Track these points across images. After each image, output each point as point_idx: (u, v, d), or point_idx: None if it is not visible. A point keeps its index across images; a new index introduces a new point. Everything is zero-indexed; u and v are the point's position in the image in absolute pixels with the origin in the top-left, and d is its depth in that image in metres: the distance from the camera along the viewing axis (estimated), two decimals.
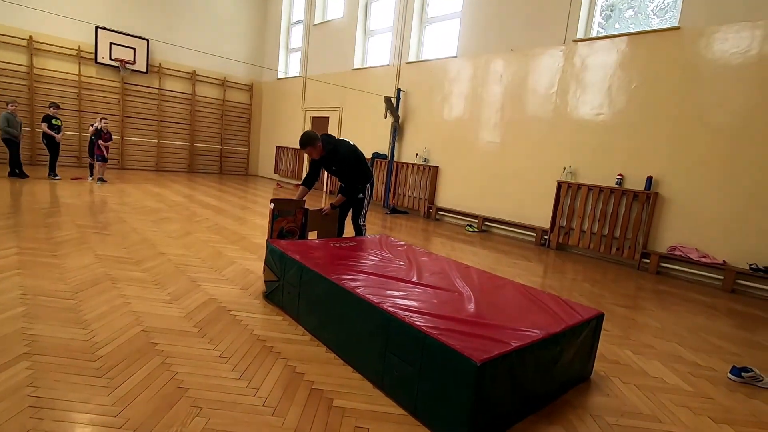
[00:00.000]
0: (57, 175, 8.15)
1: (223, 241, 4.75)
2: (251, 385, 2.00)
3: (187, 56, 11.70)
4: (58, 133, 8.10)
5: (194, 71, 12.16)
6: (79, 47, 10.25)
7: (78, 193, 6.89)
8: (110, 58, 10.53)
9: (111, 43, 10.51)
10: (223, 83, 12.83)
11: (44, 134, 8.04)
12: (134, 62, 10.88)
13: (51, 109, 8.10)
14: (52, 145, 8.10)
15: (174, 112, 12.06)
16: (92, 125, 8.53)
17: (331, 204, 4.05)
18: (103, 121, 8.26)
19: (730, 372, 2.61)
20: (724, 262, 5.00)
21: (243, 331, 2.56)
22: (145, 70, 11.16)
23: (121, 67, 10.71)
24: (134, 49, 10.86)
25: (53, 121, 8.08)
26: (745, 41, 4.90)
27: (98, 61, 10.42)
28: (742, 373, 2.56)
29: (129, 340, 2.29)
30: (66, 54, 10.17)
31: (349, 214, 4.28)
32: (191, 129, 12.41)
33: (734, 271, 4.86)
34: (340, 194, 4.07)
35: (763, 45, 4.78)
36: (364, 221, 4.25)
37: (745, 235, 4.90)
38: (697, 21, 5.24)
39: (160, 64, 11.53)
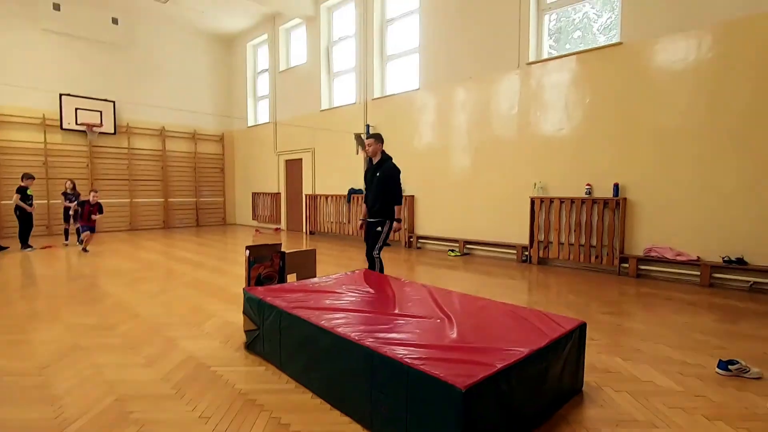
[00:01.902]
0: (31, 246, 7.92)
1: (202, 294, 4.62)
2: None
3: (155, 113, 11.79)
4: (30, 204, 7.93)
5: (163, 127, 12.20)
6: (44, 115, 10.21)
7: (50, 262, 6.66)
8: (76, 123, 10.50)
9: (76, 109, 10.51)
10: (194, 136, 12.89)
11: (17, 206, 7.83)
12: (101, 125, 10.86)
13: (25, 180, 7.96)
14: (25, 217, 7.90)
15: (145, 169, 11.99)
16: (70, 199, 8.42)
17: (397, 219, 4.40)
18: (92, 194, 7.82)
19: (718, 366, 2.62)
20: (699, 258, 5.13)
21: (224, 386, 2.45)
22: (113, 131, 11.14)
23: (88, 130, 10.67)
24: (100, 111, 10.88)
25: (28, 192, 7.93)
26: (682, 50, 5.25)
27: (64, 127, 10.37)
28: (729, 366, 2.57)
29: (101, 412, 2.16)
30: (30, 123, 10.10)
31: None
32: (164, 185, 12.31)
33: (709, 265, 4.98)
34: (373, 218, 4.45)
35: (698, 51, 5.13)
36: (378, 253, 4.46)
37: (714, 229, 5.07)
38: (636, 36, 5.61)
39: (128, 123, 11.55)
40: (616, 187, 5.73)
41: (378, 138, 4.52)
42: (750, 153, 4.81)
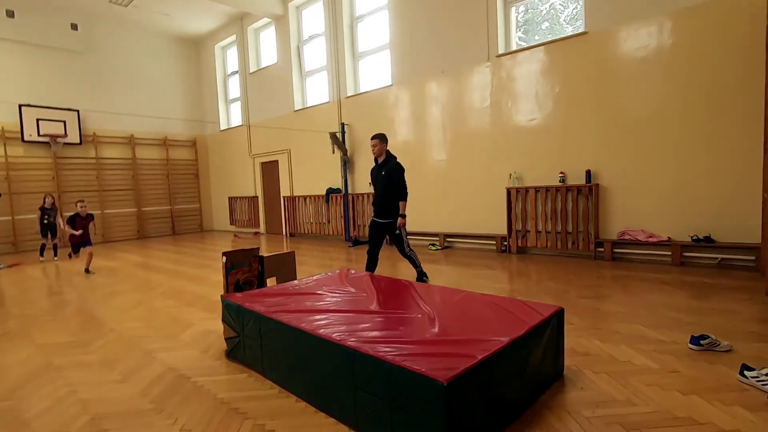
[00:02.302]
0: (0, 264, 7.60)
1: (180, 304, 4.51)
2: None
3: (123, 121, 11.43)
4: None
5: (132, 135, 11.85)
6: (2, 128, 9.77)
7: (19, 280, 6.39)
8: (39, 135, 10.08)
9: (38, 119, 10.09)
10: (165, 143, 12.56)
11: None
12: (66, 135, 10.47)
13: None
14: None
15: (115, 179, 11.62)
16: (49, 215, 8.11)
17: (401, 215, 4.53)
18: (80, 205, 6.90)
19: (690, 342, 2.71)
20: (669, 238, 5.30)
21: (205, 397, 2.40)
22: (78, 141, 10.75)
23: (51, 142, 10.26)
24: (64, 121, 10.47)
25: None
26: (644, 37, 5.39)
27: (25, 139, 9.94)
28: (701, 341, 2.66)
29: None
30: None
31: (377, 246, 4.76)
32: (136, 194, 11.97)
33: (679, 245, 5.15)
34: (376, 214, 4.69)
35: (659, 38, 5.28)
36: (411, 250, 4.67)
37: (682, 211, 5.24)
38: (600, 25, 5.74)
39: (94, 132, 11.17)
40: (588, 173, 5.86)
41: (382, 138, 4.60)
42: (714, 136, 4.98)
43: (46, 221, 8.18)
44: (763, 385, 2.14)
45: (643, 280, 4.60)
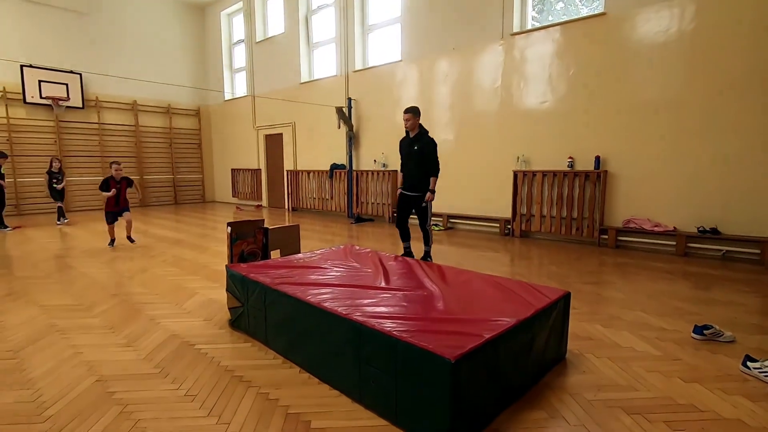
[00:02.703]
0: (7, 226, 7.64)
1: (183, 272, 4.53)
2: (222, 420, 1.87)
3: (126, 86, 11.24)
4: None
5: (135, 101, 11.68)
6: (4, 88, 9.61)
7: (22, 243, 6.40)
8: (41, 97, 9.93)
9: (40, 81, 9.92)
10: (168, 111, 12.39)
11: None
12: (68, 98, 10.31)
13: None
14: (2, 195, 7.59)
15: (118, 145, 11.51)
16: (57, 179, 8.13)
17: (431, 190, 4.56)
18: (115, 167, 5.97)
19: (693, 331, 2.72)
20: (675, 228, 5.27)
21: (209, 364, 2.41)
22: (81, 105, 10.60)
23: (53, 104, 10.11)
24: (66, 84, 10.30)
25: (1, 171, 7.60)
26: (665, 20, 5.22)
27: (27, 101, 9.79)
28: (704, 331, 2.67)
29: (81, 393, 2.10)
30: None
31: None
32: (138, 161, 11.88)
33: (685, 235, 5.12)
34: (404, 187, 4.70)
35: (680, 22, 5.12)
36: (430, 226, 4.72)
37: (690, 201, 5.19)
38: (620, 5, 5.55)
39: (96, 97, 11.00)
40: (598, 159, 5.78)
41: (416, 112, 4.55)
42: (729, 127, 4.89)
43: (54, 185, 8.17)
44: (765, 376, 2.15)
45: (646, 268, 4.59)
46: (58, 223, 8.34)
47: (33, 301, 3.57)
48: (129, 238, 6.09)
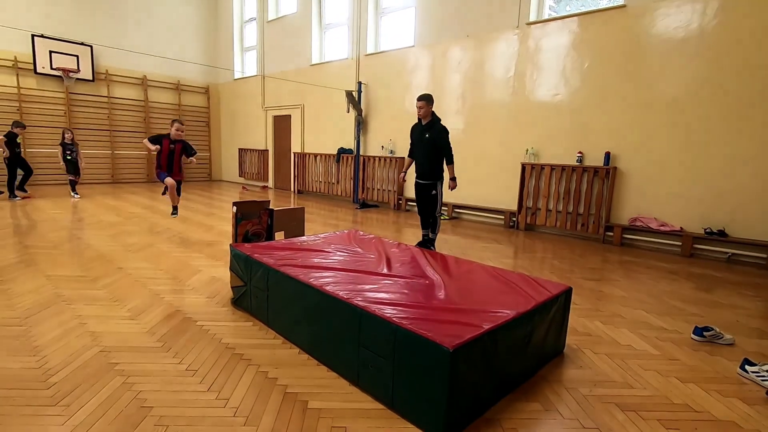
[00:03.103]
0: (17, 196, 7.84)
1: (187, 250, 4.57)
2: (221, 396, 1.91)
3: (136, 61, 11.18)
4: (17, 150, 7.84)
5: (145, 76, 11.63)
6: (15, 58, 9.61)
7: (29, 212, 6.47)
8: (51, 68, 9.91)
9: (51, 52, 9.89)
10: (177, 87, 12.34)
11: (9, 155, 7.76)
12: (78, 70, 10.29)
13: (15, 128, 7.76)
14: (12, 164, 7.78)
15: (127, 120, 11.52)
16: (70, 150, 8.17)
17: (452, 178, 4.62)
18: (176, 126, 5.53)
19: (693, 332, 2.72)
20: (682, 228, 5.23)
21: (210, 340, 2.45)
22: (91, 78, 10.58)
23: (64, 76, 10.10)
24: (77, 56, 10.27)
25: (17, 140, 7.80)
26: (686, 15, 5.09)
27: (38, 71, 9.79)
28: (704, 333, 2.66)
29: (85, 362, 2.15)
30: (1, 66, 9.50)
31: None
32: (147, 137, 11.86)
33: (691, 236, 5.08)
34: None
35: (702, 18, 4.99)
36: (440, 215, 4.74)
37: (699, 201, 5.14)
38: None
39: (107, 70, 10.97)
40: (607, 155, 5.72)
41: (429, 100, 4.48)
42: (745, 128, 4.80)
43: (69, 157, 8.20)
44: (762, 380, 2.15)
45: (650, 267, 4.57)
46: (76, 196, 8.35)
47: (40, 271, 3.62)
48: (173, 211, 5.49)
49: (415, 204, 4.71)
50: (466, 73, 7.29)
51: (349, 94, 8.66)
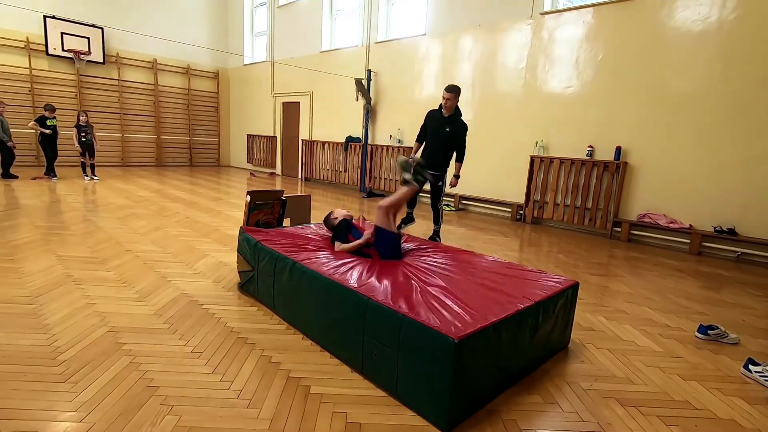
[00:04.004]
0: (55, 176, 8.21)
1: (195, 234, 4.61)
2: (225, 378, 1.94)
3: (147, 44, 11.17)
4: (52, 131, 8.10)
5: (155, 60, 11.64)
6: (27, 39, 9.65)
7: (39, 193, 6.56)
8: (62, 49, 9.95)
9: (62, 33, 9.92)
10: (187, 71, 12.34)
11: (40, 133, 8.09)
12: (89, 52, 10.32)
13: (46, 111, 8.03)
14: (46, 144, 8.14)
15: (137, 103, 11.56)
16: (86, 132, 8.33)
17: (456, 175, 4.55)
18: None
19: (698, 330, 2.70)
20: (691, 226, 5.17)
21: (216, 324, 2.49)
22: (101, 60, 10.61)
23: (75, 58, 10.14)
24: (88, 38, 10.29)
25: (48, 123, 8.03)
26: (704, 8, 4.97)
27: (49, 52, 9.83)
28: (709, 331, 2.65)
29: (94, 342, 2.19)
30: (13, 47, 9.55)
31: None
32: (156, 121, 11.94)
33: (700, 234, 5.03)
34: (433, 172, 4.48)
35: (721, 12, 4.86)
36: (442, 205, 4.74)
37: (710, 199, 5.07)
38: None
39: (117, 53, 10.99)
40: (618, 150, 5.64)
41: (458, 92, 4.38)
42: (756, 125, 4.70)
43: (84, 139, 8.27)
44: (766, 380, 2.14)
45: (657, 264, 4.54)
46: (95, 178, 8.51)
47: (51, 251, 3.68)
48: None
49: (421, 194, 4.69)
50: (477, 63, 7.19)
51: (358, 82, 8.60)
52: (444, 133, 4.43)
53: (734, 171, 4.88)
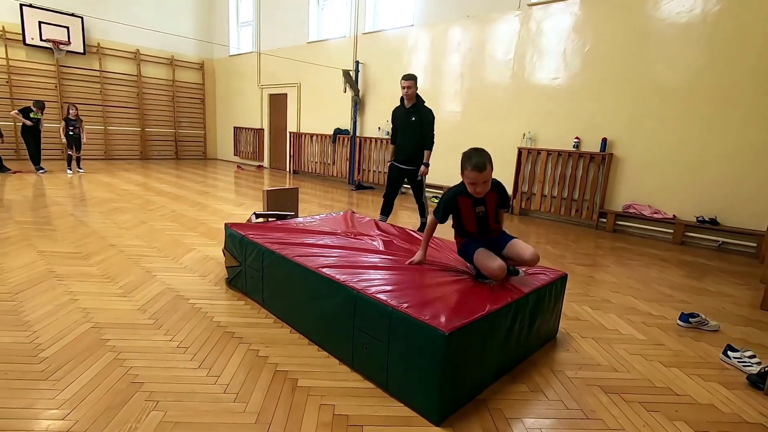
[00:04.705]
0: (43, 168, 8.10)
1: (181, 228, 4.55)
2: (211, 373, 1.93)
3: (129, 34, 10.89)
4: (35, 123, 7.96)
5: (138, 50, 11.37)
6: (3, 28, 9.34)
7: (20, 187, 6.40)
8: (41, 39, 9.65)
9: (40, 22, 9.62)
10: (171, 62, 12.09)
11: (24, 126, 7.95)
12: (69, 42, 10.03)
13: (34, 107, 7.95)
14: (28, 137, 8.01)
15: (119, 95, 11.30)
16: (74, 125, 8.17)
17: (425, 163, 4.43)
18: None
19: (679, 318, 2.76)
20: (674, 216, 5.26)
21: (202, 319, 2.47)
22: (82, 50, 10.33)
23: (54, 48, 9.85)
24: (67, 27, 9.99)
25: (31, 115, 7.90)
26: (689, 0, 5.00)
27: (27, 42, 9.53)
28: (690, 319, 2.71)
29: (77, 338, 2.16)
30: None
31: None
32: (140, 113, 11.70)
33: (683, 224, 5.12)
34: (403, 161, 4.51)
35: (705, 3, 4.90)
36: (425, 199, 4.70)
37: (693, 190, 5.16)
38: None
39: (98, 43, 10.70)
40: (604, 141, 5.70)
41: (416, 79, 4.34)
42: (738, 117, 4.78)
43: (71, 133, 8.08)
44: (744, 366, 2.20)
45: (642, 254, 4.62)
46: (80, 171, 8.40)
47: (32, 246, 3.60)
48: None
49: (409, 187, 4.66)
50: (465, 54, 7.17)
51: (346, 73, 8.52)
52: (411, 122, 4.36)
53: (718, 162, 4.96)
